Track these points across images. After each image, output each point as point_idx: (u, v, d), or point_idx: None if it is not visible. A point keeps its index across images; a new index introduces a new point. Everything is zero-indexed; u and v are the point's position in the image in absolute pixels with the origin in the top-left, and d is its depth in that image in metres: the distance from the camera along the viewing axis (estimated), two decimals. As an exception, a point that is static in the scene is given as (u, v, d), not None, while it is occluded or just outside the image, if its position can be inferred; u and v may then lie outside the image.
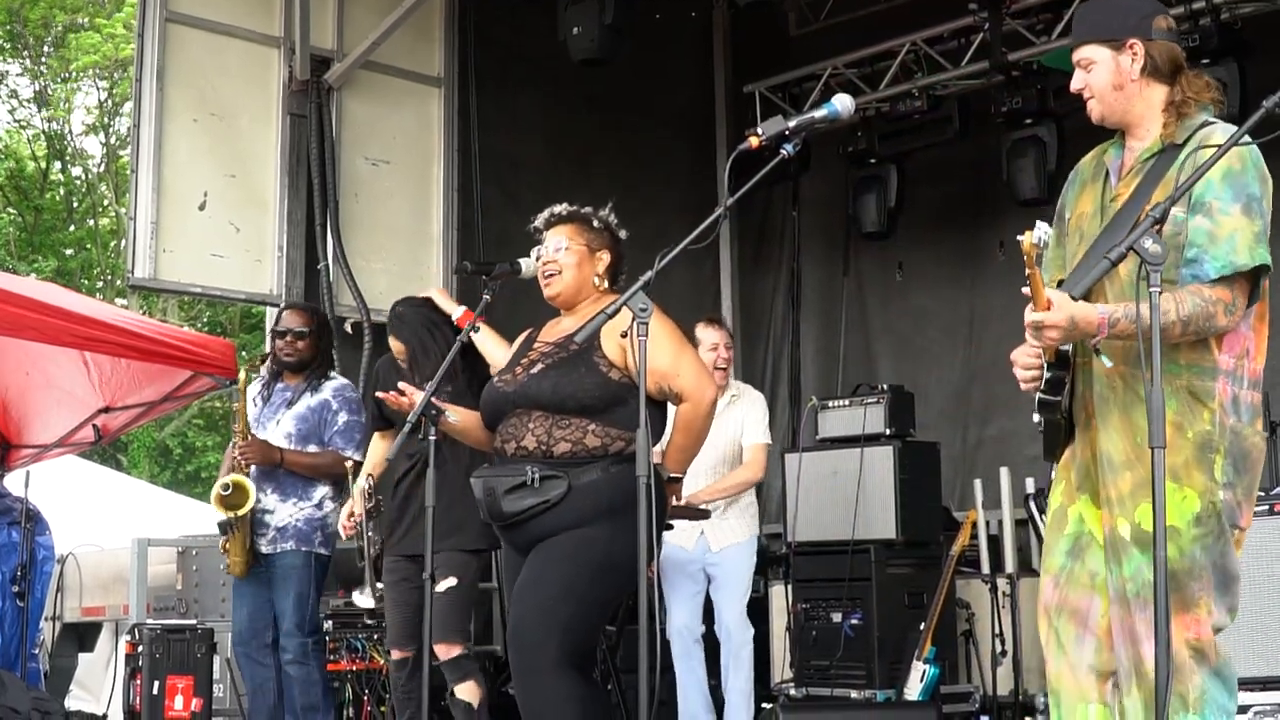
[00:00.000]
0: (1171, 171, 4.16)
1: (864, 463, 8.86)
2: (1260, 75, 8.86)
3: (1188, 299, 4.02)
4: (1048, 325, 3.98)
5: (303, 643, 7.15)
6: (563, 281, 5.36)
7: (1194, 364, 4.14)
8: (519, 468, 5.10)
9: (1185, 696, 4.09)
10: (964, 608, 8.87)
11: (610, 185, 9.26)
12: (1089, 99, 4.34)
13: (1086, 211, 4.37)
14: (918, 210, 10.67)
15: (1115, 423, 4.20)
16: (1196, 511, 4.09)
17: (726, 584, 7.84)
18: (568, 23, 9.64)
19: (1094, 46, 4.31)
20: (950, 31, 10.49)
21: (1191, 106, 4.25)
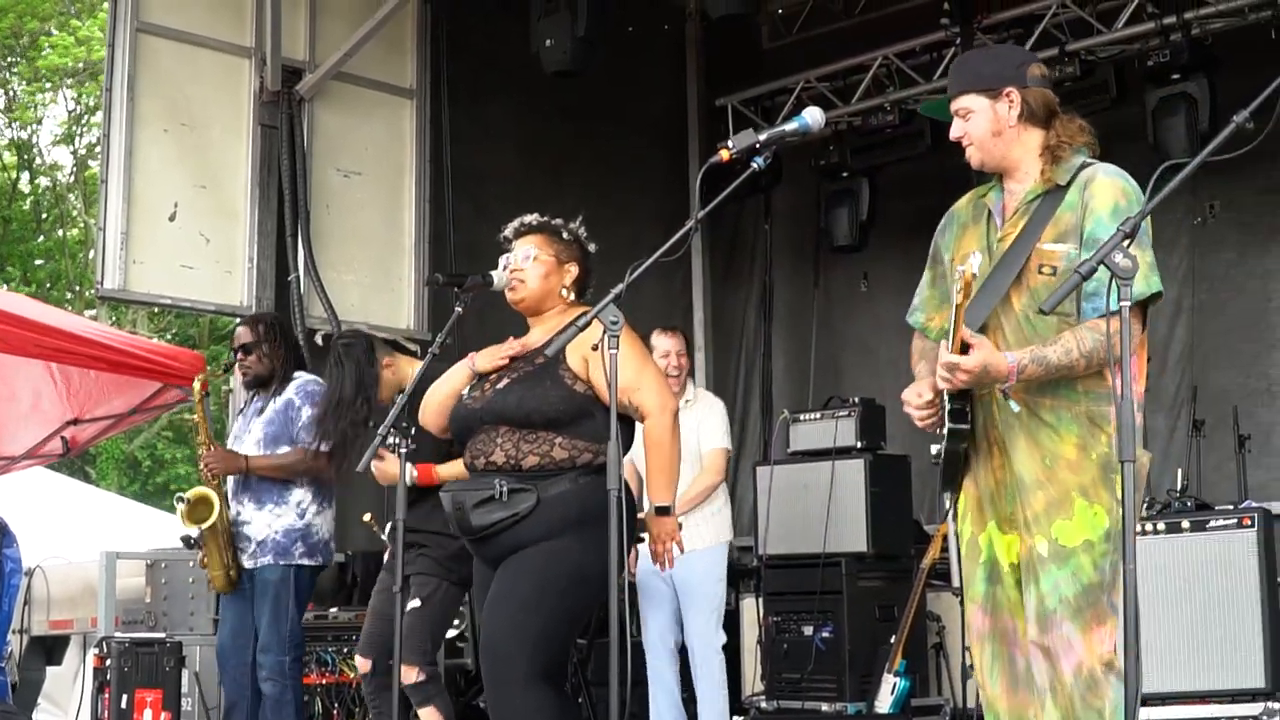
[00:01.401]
0: (1060, 211, 4.33)
1: (835, 476, 8.88)
2: (1230, 90, 8.93)
3: (1087, 336, 4.20)
4: (962, 369, 4.16)
5: (279, 660, 7.01)
6: (528, 289, 5.36)
7: (1090, 390, 4.30)
8: (487, 481, 5.11)
9: (1102, 712, 4.22)
10: (935, 620, 8.88)
11: (583, 197, 9.27)
12: (968, 146, 4.50)
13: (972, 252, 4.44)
14: (889, 224, 10.69)
15: (1023, 446, 4.34)
16: (1107, 527, 4.26)
17: (691, 593, 7.77)
18: (540, 34, 9.65)
19: (972, 96, 4.49)
20: (922, 46, 10.53)
21: (1066, 150, 4.43)
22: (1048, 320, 4.27)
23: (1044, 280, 4.30)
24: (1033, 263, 4.32)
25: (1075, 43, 9.67)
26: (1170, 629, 7.50)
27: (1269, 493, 8.98)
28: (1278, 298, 9.53)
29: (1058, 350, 4.20)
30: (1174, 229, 9.87)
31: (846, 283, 11.57)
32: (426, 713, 6.45)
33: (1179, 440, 9.48)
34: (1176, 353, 9.80)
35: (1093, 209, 4.30)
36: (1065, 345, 4.19)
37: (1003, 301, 4.36)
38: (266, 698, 7.02)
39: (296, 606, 7.11)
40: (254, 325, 7.38)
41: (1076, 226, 4.31)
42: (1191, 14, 9.24)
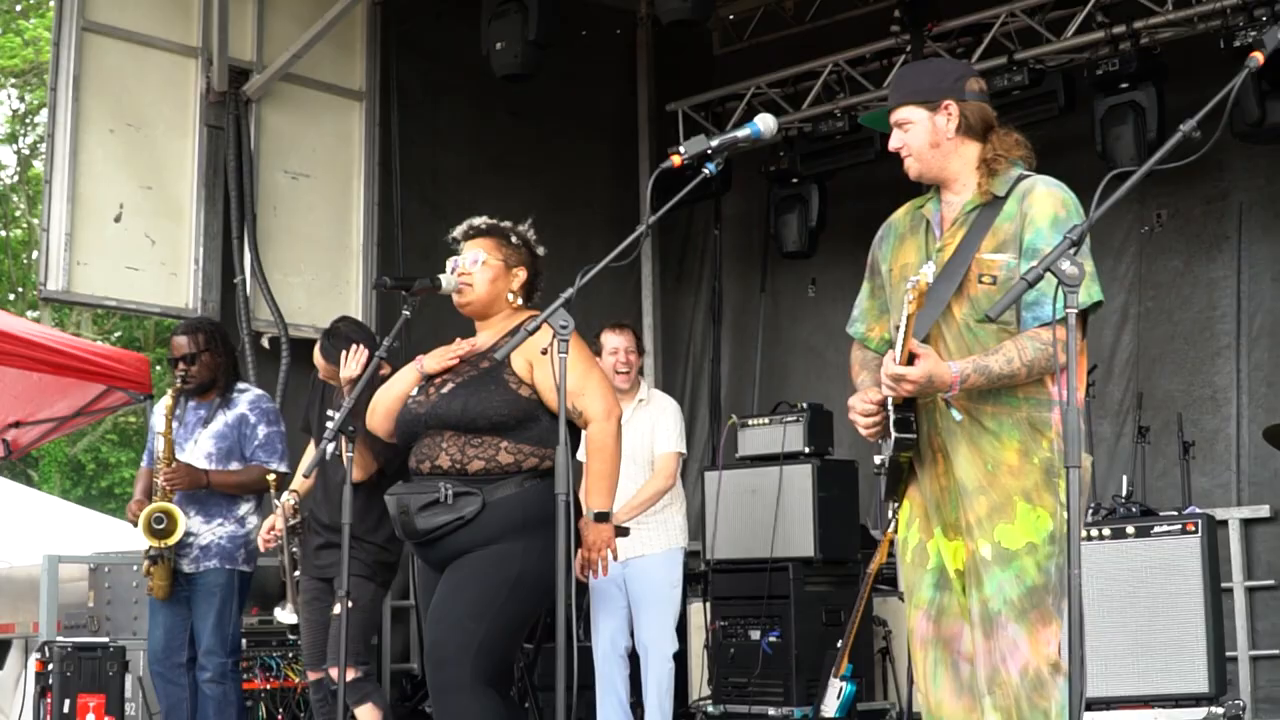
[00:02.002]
0: (998, 221, 4.39)
1: (783, 481, 8.88)
2: (1178, 100, 8.99)
3: (1028, 344, 4.26)
4: (907, 380, 4.19)
5: (222, 662, 7.02)
6: (475, 294, 5.34)
7: (1031, 397, 4.35)
8: (433, 484, 5.10)
9: (1048, 713, 4.25)
10: (881, 625, 8.92)
11: (533, 200, 9.27)
12: (906, 157, 4.55)
13: (911, 262, 4.53)
14: (839, 230, 10.71)
15: (965, 453, 4.38)
16: (1050, 530, 4.30)
17: (642, 598, 7.73)
18: (491, 37, 9.64)
19: (911, 108, 4.53)
20: (873, 53, 10.57)
21: (1002, 162, 4.49)
22: (989, 329, 4.32)
23: (984, 289, 4.35)
24: (973, 272, 4.37)
25: (1024, 51, 9.73)
26: (1115, 633, 7.56)
27: (1213, 499, 9.08)
28: (1223, 306, 9.58)
29: (999, 359, 4.25)
30: (1122, 237, 9.94)
31: (795, 288, 11.60)
32: (364, 711, 6.45)
33: (1124, 446, 9.54)
34: (1122, 359, 9.86)
35: (1032, 219, 4.34)
36: (1007, 354, 4.25)
37: (944, 311, 4.40)
38: (209, 699, 7.01)
39: (238, 610, 7.14)
40: (193, 334, 7.30)
41: (1016, 236, 4.35)
42: (1140, 23, 9.30)
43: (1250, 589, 9.12)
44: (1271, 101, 8.67)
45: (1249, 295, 9.49)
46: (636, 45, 12.16)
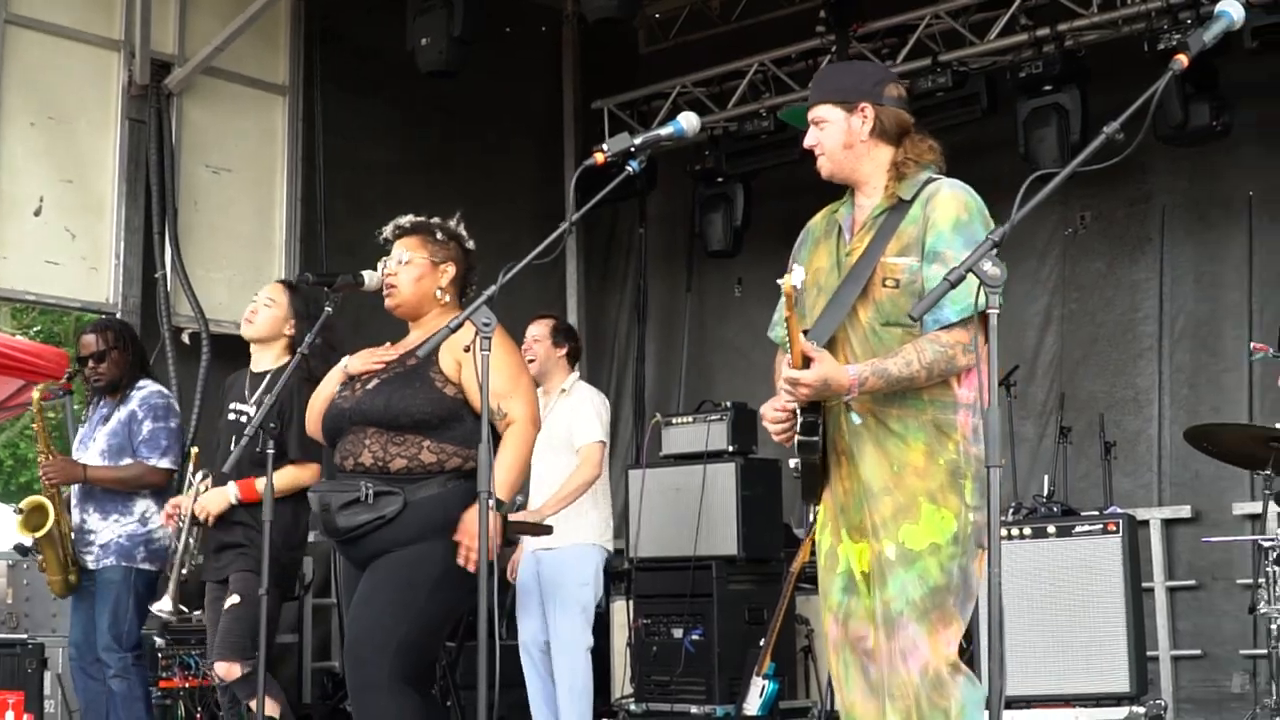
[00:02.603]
0: (903, 225, 4.39)
1: (706, 479, 8.91)
2: (1101, 102, 9.07)
3: (927, 347, 4.25)
4: (802, 384, 4.20)
5: (122, 657, 6.97)
6: (402, 294, 5.31)
7: (936, 399, 4.36)
8: (354, 483, 5.07)
9: (948, 712, 4.26)
10: (804, 624, 8.93)
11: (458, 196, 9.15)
12: (819, 155, 4.57)
13: (823, 266, 4.55)
14: (763, 229, 10.72)
15: (871, 454, 4.38)
16: (954, 530, 4.30)
17: (555, 593, 7.63)
18: (416, 33, 9.60)
19: (828, 107, 4.56)
20: (798, 53, 10.60)
21: (912, 166, 4.50)
22: (893, 332, 4.33)
23: (888, 293, 4.35)
24: (877, 276, 4.37)
25: (948, 53, 9.78)
26: (1036, 633, 7.60)
27: (1135, 500, 9.15)
28: (1146, 308, 9.67)
29: (898, 362, 4.25)
30: (1045, 239, 10.01)
31: (721, 287, 11.62)
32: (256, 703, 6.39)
33: (1047, 447, 9.61)
34: (1046, 361, 9.94)
35: (934, 222, 4.35)
36: (906, 357, 4.25)
37: (850, 315, 4.41)
38: (116, 695, 6.98)
39: (135, 607, 7.05)
40: (102, 333, 7.25)
41: (919, 240, 4.36)
42: (1064, 26, 9.37)
43: (1171, 589, 9.23)
44: (1195, 104, 8.76)
45: (1171, 297, 9.58)
46: (562, 43, 12.14)
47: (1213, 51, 4.43)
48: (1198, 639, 9.16)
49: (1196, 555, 9.18)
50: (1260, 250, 9.26)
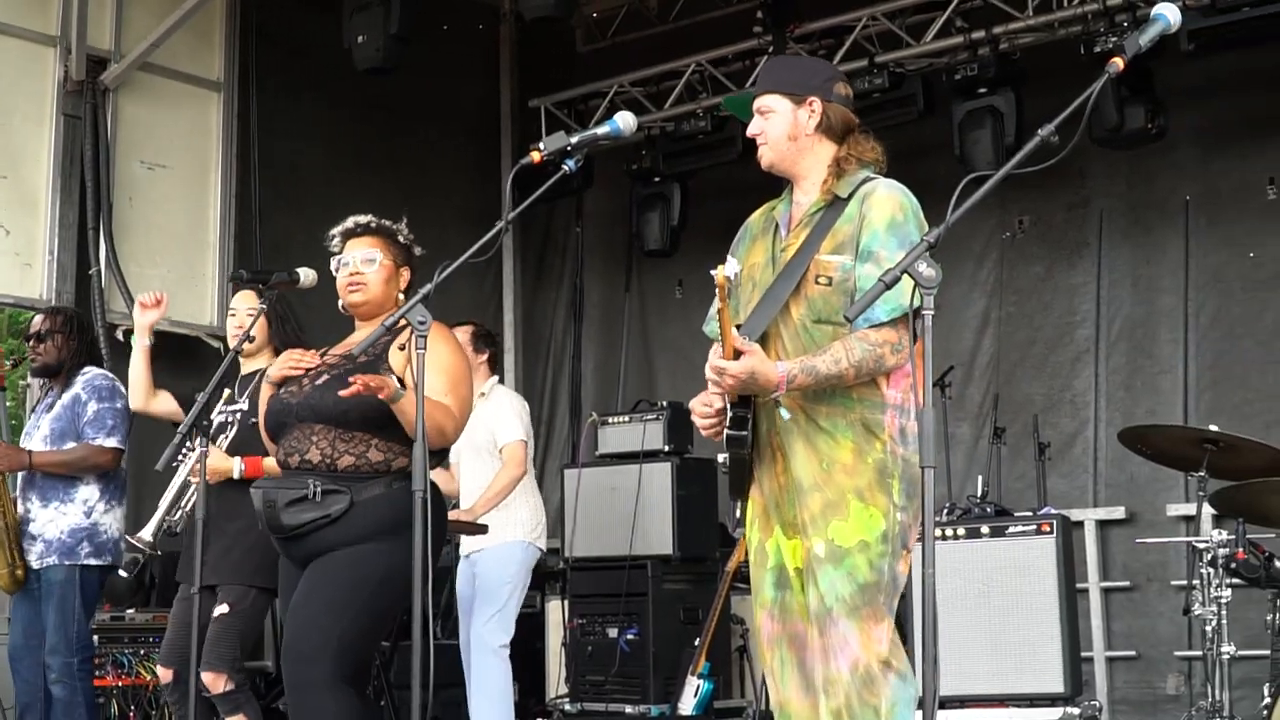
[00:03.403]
0: (839, 223, 4.42)
1: (642, 479, 8.94)
2: (1036, 105, 9.10)
3: (856, 346, 4.28)
4: (729, 374, 4.24)
5: (66, 662, 6.85)
6: (369, 293, 5.26)
7: (865, 399, 4.39)
8: (301, 480, 5.03)
9: (878, 709, 4.28)
10: (739, 623, 8.93)
11: (394, 194, 9.21)
12: (762, 144, 4.58)
13: (759, 262, 4.58)
14: (701, 229, 10.71)
15: (801, 451, 4.41)
16: (883, 529, 4.33)
17: (480, 590, 7.66)
18: (353, 31, 9.54)
19: (776, 97, 4.57)
20: (735, 54, 10.59)
21: (852, 164, 4.54)
22: (825, 329, 4.36)
23: (820, 290, 4.38)
24: (811, 273, 4.40)
25: (885, 55, 9.79)
26: (970, 633, 7.61)
27: (1071, 501, 9.20)
28: (1083, 311, 9.71)
29: (827, 360, 4.28)
30: (983, 242, 10.05)
31: (662, 288, 11.60)
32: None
33: (984, 448, 9.65)
34: (983, 363, 9.98)
35: (869, 221, 4.37)
36: (834, 355, 4.28)
37: (782, 311, 4.43)
38: (56, 700, 6.87)
39: (84, 608, 6.95)
40: (52, 315, 7.23)
41: (853, 238, 4.38)
42: (1000, 28, 9.40)
43: (1106, 590, 9.27)
44: (1130, 107, 8.81)
45: (1108, 301, 9.63)
46: (499, 41, 12.10)
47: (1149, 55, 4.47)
48: (1132, 640, 9.21)
49: (1131, 556, 9.24)
50: (1196, 253, 9.32)
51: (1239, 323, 9.14)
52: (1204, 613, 6.51)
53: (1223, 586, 6.48)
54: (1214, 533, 6.56)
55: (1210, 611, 6.48)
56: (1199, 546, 6.65)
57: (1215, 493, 6.59)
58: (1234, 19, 8.41)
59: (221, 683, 6.08)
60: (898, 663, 4.32)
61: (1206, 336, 9.19)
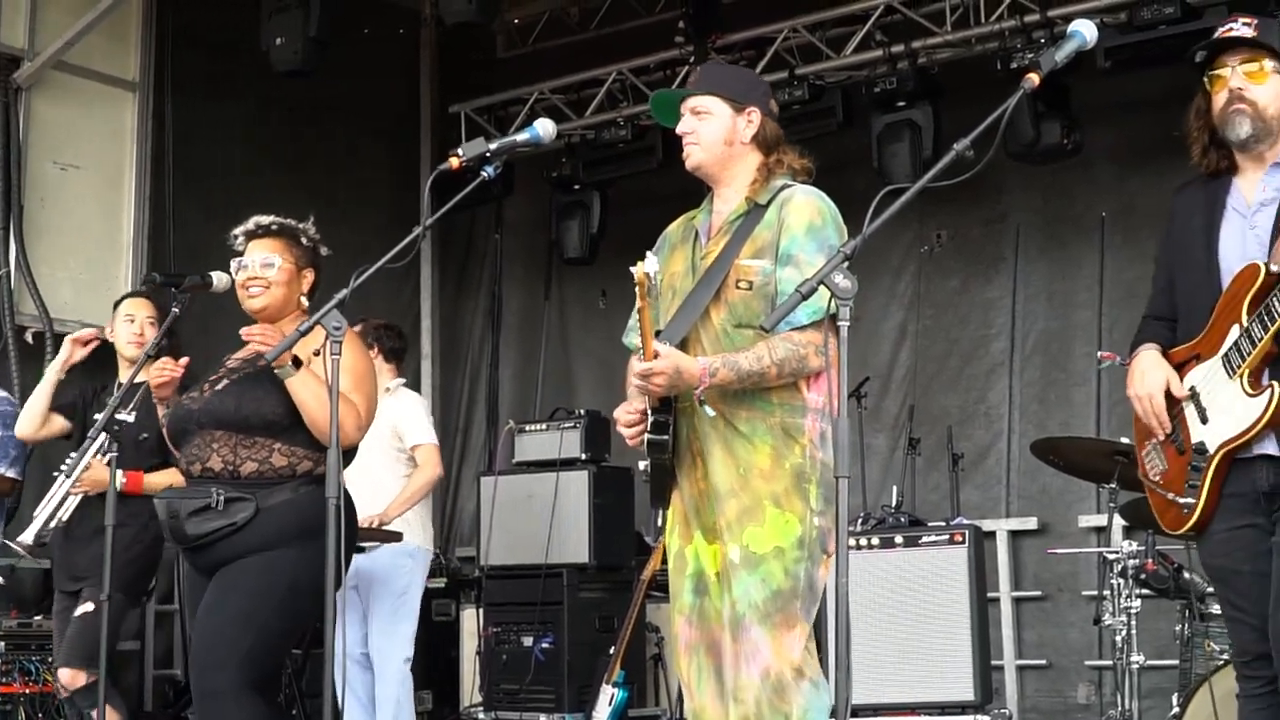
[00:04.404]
0: (758, 229, 4.45)
1: (559, 487, 8.92)
2: (954, 119, 9.16)
3: (779, 344, 4.31)
4: (655, 373, 4.23)
5: None
6: (270, 296, 5.18)
7: (785, 402, 4.41)
8: (204, 489, 4.96)
9: (789, 716, 4.27)
10: (654, 632, 8.97)
11: (311, 198, 9.08)
12: (692, 144, 4.58)
13: (678, 270, 4.60)
14: (621, 238, 10.66)
15: (719, 456, 4.41)
16: (799, 534, 4.34)
17: (376, 600, 7.52)
18: (271, 32, 9.46)
19: (716, 100, 4.57)
20: (657, 63, 10.61)
21: (777, 173, 4.57)
22: (745, 334, 4.37)
23: (740, 295, 4.40)
24: (731, 278, 4.42)
25: (805, 67, 9.84)
26: (882, 641, 7.65)
27: (984, 512, 9.27)
28: (999, 325, 9.79)
29: (749, 357, 4.30)
30: (901, 256, 10.11)
31: (581, 296, 11.59)
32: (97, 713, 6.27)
33: (899, 459, 9.68)
34: (900, 375, 10.03)
35: (789, 226, 4.41)
36: (757, 352, 4.30)
37: (703, 317, 4.45)
38: None
39: None
40: None
41: (773, 243, 4.41)
42: (919, 43, 9.48)
43: (1017, 600, 9.34)
44: (1046, 122, 8.88)
45: (1023, 315, 9.72)
46: (420, 45, 12.04)
47: (1065, 71, 4.50)
48: (1043, 649, 9.29)
49: (1042, 567, 9.32)
50: (1111, 268, 9.41)
51: (1144, 338, 9.17)
52: (1114, 623, 6.57)
53: (1133, 597, 6.55)
54: (1124, 544, 6.63)
55: (1120, 621, 6.54)
56: (1109, 557, 6.70)
57: (1126, 504, 6.65)
58: (1151, 37, 8.49)
59: (81, 679, 6.08)
60: (810, 671, 4.32)
61: (1120, 351, 9.21)
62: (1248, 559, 4.21)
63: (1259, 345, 4.11)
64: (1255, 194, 4.30)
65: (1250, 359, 4.13)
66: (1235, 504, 4.23)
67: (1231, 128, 4.28)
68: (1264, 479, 4.17)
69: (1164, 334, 4.46)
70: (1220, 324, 4.23)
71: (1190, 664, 6.46)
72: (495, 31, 11.83)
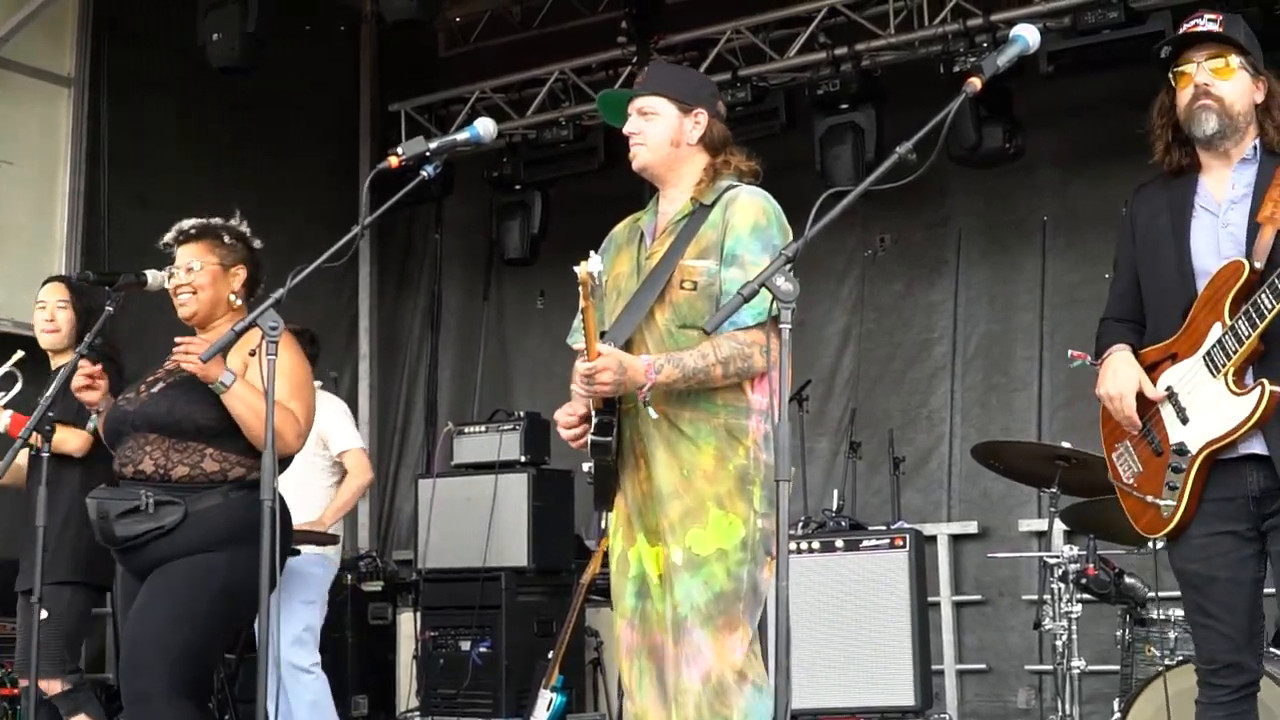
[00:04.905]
0: (703, 229, 4.47)
1: (498, 489, 8.88)
2: (896, 122, 9.15)
3: (724, 344, 4.32)
4: (600, 372, 4.21)
5: None
6: (197, 302, 5.18)
7: (729, 404, 4.40)
8: (134, 491, 4.95)
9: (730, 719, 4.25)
10: (593, 636, 8.94)
11: (249, 197, 8.98)
12: (639, 145, 4.60)
13: (623, 271, 4.62)
14: (561, 238, 10.65)
15: (662, 457, 4.41)
16: (742, 536, 4.33)
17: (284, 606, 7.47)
18: (208, 28, 9.37)
19: (663, 100, 4.59)
20: (599, 63, 10.57)
21: (724, 174, 4.58)
22: (690, 334, 4.37)
23: (685, 295, 4.41)
24: (675, 278, 4.43)
25: (748, 68, 9.82)
26: (822, 645, 7.64)
27: (925, 516, 9.28)
28: (941, 328, 9.80)
29: (694, 355, 4.29)
30: (845, 259, 10.10)
31: (522, 297, 11.54)
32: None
33: (842, 463, 9.68)
34: (843, 379, 10.02)
35: (733, 226, 4.41)
36: (702, 350, 4.30)
37: (647, 317, 4.45)
38: None
39: None
40: None
41: (718, 243, 4.42)
42: (862, 45, 9.46)
43: (958, 604, 9.35)
44: (989, 127, 8.91)
45: (965, 319, 9.73)
46: (360, 43, 11.95)
47: (1008, 75, 4.50)
48: (983, 654, 9.30)
49: (983, 571, 9.33)
50: (1052, 271, 9.45)
51: (1093, 342, 9.15)
52: (1054, 627, 6.57)
53: (1073, 601, 6.54)
54: (1065, 548, 6.61)
55: (1061, 626, 6.54)
56: (1050, 562, 6.70)
57: (1067, 509, 6.66)
58: (1093, 41, 8.53)
59: (56, 685, 6.07)
60: (753, 674, 4.31)
61: (1061, 355, 9.25)
62: (1225, 566, 4.21)
63: (1245, 343, 4.10)
64: (1225, 191, 4.29)
65: (1236, 357, 4.12)
66: (1217, 509, 4.22)
67: (1198, 124, 4.27)
68: (1254, 482, 4.16)
69: (1130, 335, 4.45)
70: (1199, 323, 4.22)
71: (1131, 669, 6.46)
72: (436, 29, 11.75)
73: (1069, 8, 8.71)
